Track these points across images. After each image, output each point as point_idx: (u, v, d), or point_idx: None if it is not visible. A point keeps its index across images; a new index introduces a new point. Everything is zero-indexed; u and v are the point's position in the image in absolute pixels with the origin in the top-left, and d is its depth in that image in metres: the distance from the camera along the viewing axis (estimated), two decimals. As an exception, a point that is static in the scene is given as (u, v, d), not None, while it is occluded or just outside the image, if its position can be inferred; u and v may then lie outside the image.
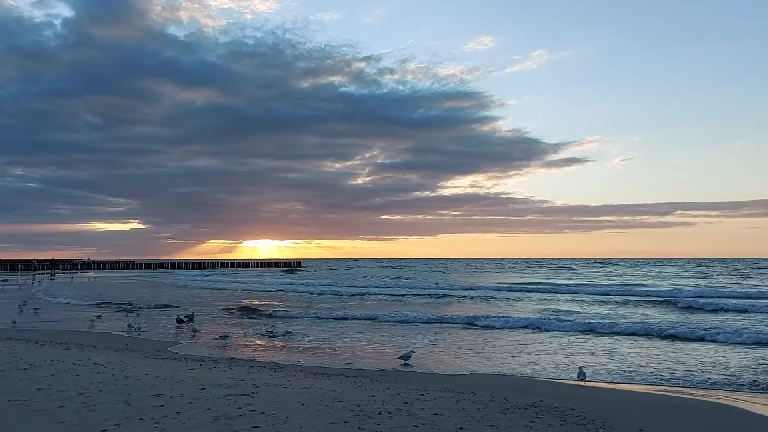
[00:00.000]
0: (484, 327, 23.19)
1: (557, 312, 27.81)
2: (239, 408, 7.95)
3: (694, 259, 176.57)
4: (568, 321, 23.44)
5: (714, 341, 18.49)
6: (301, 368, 13.57)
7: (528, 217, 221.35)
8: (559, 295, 40.30)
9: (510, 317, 25.16)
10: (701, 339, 18.86)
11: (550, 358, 16.06)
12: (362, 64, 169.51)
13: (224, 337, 18.29)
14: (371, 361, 15.30)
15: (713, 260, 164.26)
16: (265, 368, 13.26)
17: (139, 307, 32.26)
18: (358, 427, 7.18)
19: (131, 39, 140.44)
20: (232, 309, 31.24)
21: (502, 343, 18.62)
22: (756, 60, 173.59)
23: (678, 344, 18.31)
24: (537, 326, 22.64)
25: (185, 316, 24.69)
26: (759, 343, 17.85)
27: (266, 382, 10.62)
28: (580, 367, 13.03)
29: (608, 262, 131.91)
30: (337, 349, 17.50)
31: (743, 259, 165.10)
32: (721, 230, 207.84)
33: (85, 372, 10.89)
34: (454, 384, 11.97)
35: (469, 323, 24.20)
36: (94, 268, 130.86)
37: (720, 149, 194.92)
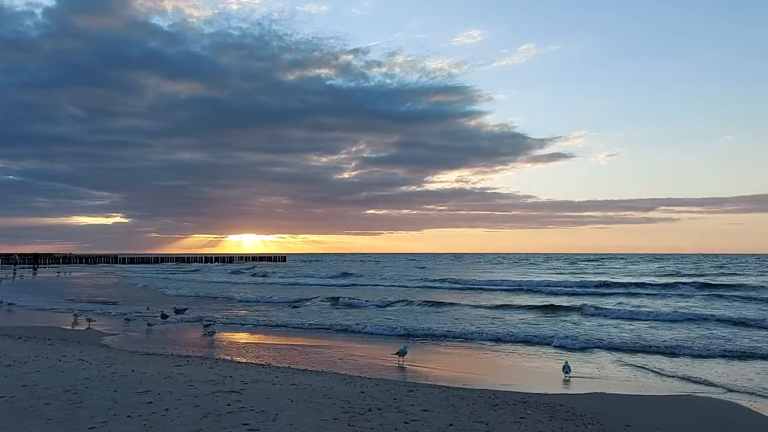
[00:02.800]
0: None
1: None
2: (228, 405, 7.90)
3: (672, 255, 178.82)
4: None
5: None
6: (290, 365, 13.52)
7: (513, 212, 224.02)
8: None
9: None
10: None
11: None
12: (350, 57, 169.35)
13: (210, 333, 18.17)
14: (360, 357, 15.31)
15: (689, 256, 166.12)
16: (253, 365, 13.22)
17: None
18: (349, 424, 7.17)
19: (114, 29, 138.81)
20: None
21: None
22: (741, 58, 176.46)
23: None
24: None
25: (175, 311, 24.51)
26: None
27: (254, 378, 10.57)
28: (566, 362, 13.16)
29: (586, 258, 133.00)
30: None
31: (724, 255, 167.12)
32: (703, 226, 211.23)
33: (70, 368, 10.76)
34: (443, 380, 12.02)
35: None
36: (75, 263, 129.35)
37: (704, 146, 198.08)
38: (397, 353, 14.29)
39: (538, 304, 28.97)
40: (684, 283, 41.85)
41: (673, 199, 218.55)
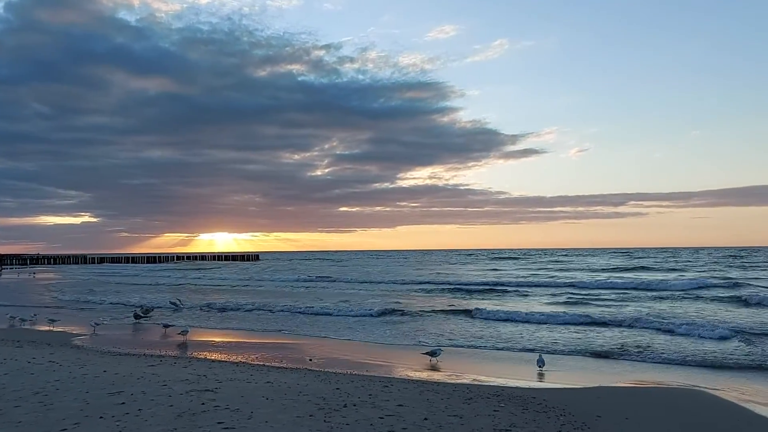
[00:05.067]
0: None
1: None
2: (203, 404, 7.86)
3: (633, 249, 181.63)
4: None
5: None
6: (264, 363, 13.47)
7: (486, 209, 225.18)
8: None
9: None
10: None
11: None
12: (322, 53, 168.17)
13: (183, 332, 17.99)
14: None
15: (654, 249, 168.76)
16: (228, 363, 13.15)
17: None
18: (324, 421, 7.19)
19: (80, 24, 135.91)
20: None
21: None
22: (711, 53, 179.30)
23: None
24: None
25: (143, 311, 24.20)
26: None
27: (229, 377, 10.52)
28: (540, 355, 13.36)
29: (552, 253, 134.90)
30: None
31: (688, 249, 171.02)
32: (671, 220, 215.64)
33: (40, 370, 10.57)
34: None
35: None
36: (44, 263, 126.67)
37: (674, 141, 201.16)
38: (429, 354, 13.91)
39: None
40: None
41: (643, 194, 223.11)
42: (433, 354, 13.87)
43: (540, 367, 12.80)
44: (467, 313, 23.75)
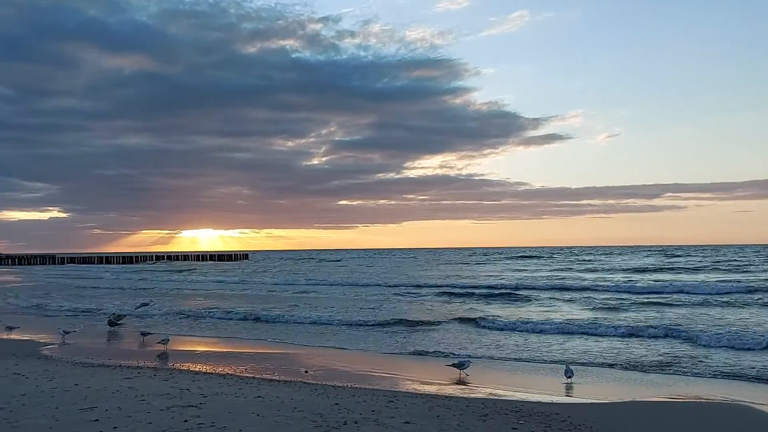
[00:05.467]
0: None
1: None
2: (185, 421, 7.92)
3: (669, 246, 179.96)
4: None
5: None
6: (254, 375, 13.54)
7: (503, 202, 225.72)
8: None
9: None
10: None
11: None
12: (318, 26, 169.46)
13: (164, 341, 18.08)
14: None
15: (693, 247, 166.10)
16: (213, 375, 13.21)
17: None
18: (322, 439, 7.24)
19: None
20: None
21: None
22: (760, 27, 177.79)
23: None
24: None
25: (116, 317, 24.34)
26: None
27: (215, 391, 10.59)
28: (567, 365, 13.44)
29: (582, 251, 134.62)
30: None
31: (732, 246, 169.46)
32: (712, 214, 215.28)
33: (4, 383, 10.67)
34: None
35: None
36: (6, 264, 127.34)
37: (716, 124, 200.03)
38: (455, 365, 13.75)
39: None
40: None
41: (680, 185, 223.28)
42: (460, 366, 13.71)
43: (568, 377, 12.89)
44: (483, 320, 23.81)
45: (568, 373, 12.91)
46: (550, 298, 33.61)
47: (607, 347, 17.58)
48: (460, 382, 13.17)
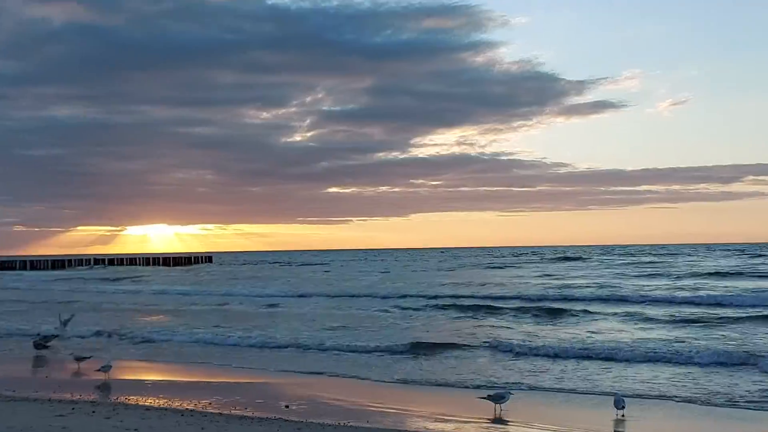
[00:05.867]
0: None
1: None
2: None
3: (751, 244, 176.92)
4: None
5: None
6: (221, 411, 13.61)
7: (538, 188, 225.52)
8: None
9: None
10: None
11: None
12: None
13: (105, 368, 18.17)
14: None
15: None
16: (169, 412, 13.27)
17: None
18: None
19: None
20: None
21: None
22: None
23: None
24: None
25: (43, 339, 24.40)
26: None
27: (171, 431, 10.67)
28: (617, 394, 13.59)
29: (639, 250, 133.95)
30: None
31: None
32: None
33: None
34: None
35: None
36: None
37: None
38: (491, 398, 13.55)
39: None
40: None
41: (766, 166, 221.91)
42: (497, 399, 13.52)
43: (619, 409, 12.97)
44: (513, 341, 23.84)
45: (619, 404, 13.00)
46: (599, 313, 33.60)
47: (678, 375, 17.61)
48: (497, 419, 13.15)
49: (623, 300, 40.12)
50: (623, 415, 12.93)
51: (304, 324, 30.58)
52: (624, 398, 13.25)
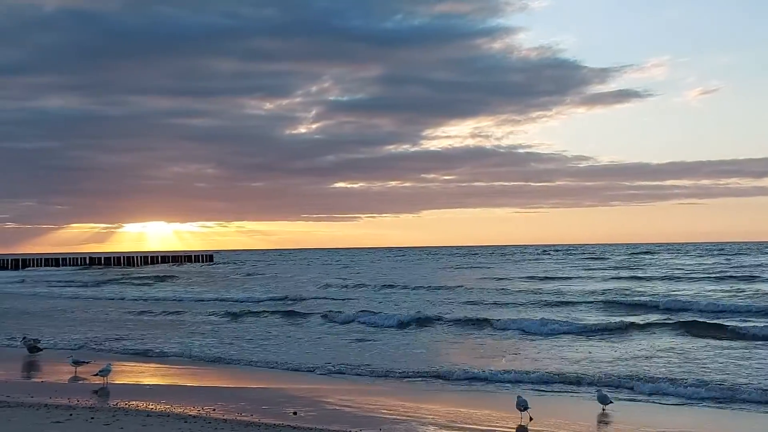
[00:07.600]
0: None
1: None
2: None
3: None
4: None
5: None
6: (225, 416, 13.47)
7: (558, 183, 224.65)
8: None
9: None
10: None
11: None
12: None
13: (104, 372, 17.93)
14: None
15: None
16: (171, 418, 13.12)
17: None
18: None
19: None
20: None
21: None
22: None
23: None
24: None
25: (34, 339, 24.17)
26: None
27: (175, 439, 10.47)
28: (599, 389, 14.06)
29: (666, 249, 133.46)
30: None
31: None
32: None
33: None
34: None
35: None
36: None
37: None
38: (520, 406, 13.05)
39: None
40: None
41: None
42: (522, 406, 13.00)
43: (605, 405, 13.43)
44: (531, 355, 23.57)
45: (604, 400, 13.43)
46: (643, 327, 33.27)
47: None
48: (521, 428, 12.89)
49: (652, 306, 35.34)
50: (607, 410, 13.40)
51: (305, 327, 30.57)
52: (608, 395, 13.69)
